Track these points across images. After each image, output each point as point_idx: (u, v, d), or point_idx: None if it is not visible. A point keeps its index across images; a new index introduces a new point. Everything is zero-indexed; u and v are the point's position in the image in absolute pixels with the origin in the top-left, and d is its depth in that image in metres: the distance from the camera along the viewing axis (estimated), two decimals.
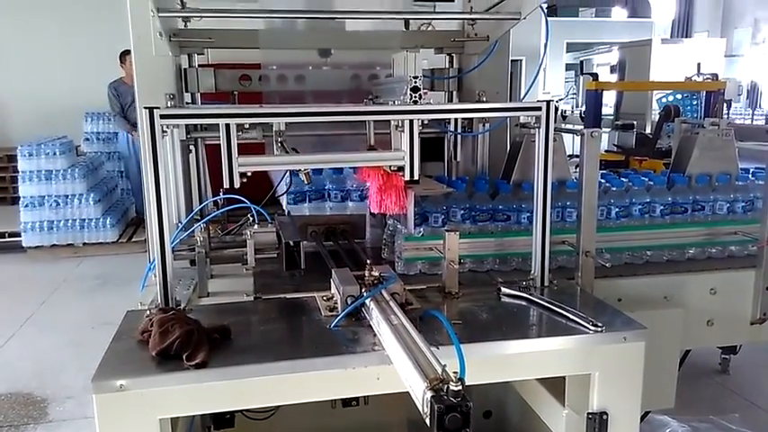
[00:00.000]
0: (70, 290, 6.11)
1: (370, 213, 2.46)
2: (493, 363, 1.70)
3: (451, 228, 2.10)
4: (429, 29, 2.82)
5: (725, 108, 6.64)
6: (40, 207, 7.16)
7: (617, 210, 2.33)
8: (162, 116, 1.71)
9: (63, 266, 6.84)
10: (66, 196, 7.22)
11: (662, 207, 2.37)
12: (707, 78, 6.70)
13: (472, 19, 2.64)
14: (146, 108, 1.70)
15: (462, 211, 2.25)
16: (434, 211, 2.22)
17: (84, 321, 5.05)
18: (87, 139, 8.61)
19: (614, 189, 2.36)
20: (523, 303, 1.95)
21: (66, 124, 8.32)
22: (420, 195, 2.18)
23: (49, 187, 7.17)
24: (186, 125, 2.41)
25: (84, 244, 7.30)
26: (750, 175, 2.54)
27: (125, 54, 7.34)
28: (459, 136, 2.72)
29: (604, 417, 1.75)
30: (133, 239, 7.45)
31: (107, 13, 5.39)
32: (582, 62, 10.76)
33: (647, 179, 2.47)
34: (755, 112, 11.22)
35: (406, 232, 2.21)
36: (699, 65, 7.21)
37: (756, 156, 2.93)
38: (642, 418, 1.92)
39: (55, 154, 7.18)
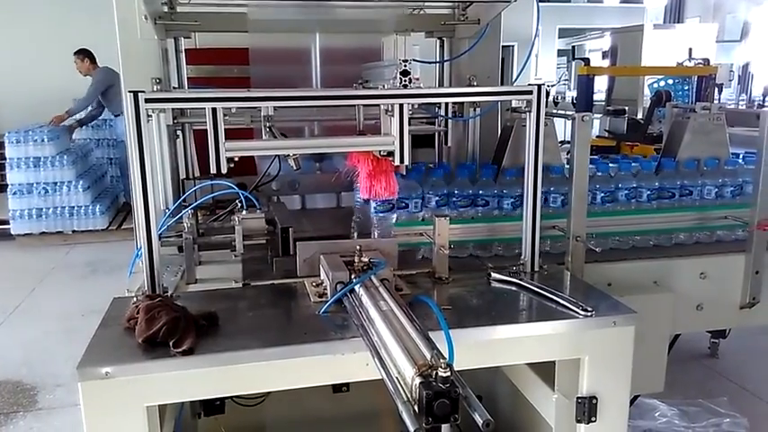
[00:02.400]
0: (60, 278, 6.08)
1: None
2: (483, 348, 1.70)
3: (440, 213, 2.09)
4: (420, 12, 2.79)
5: (716, 93, 6.63)
6: (29, 194, 7.10)
7: (602, 195, 2.32)
8: (147, 100, 1.68)
9: (52, 254, 6.80)
10: (55, 183, 7.16)
11: (650, 192, 2.36)
12: (698, 63, 6.69)
13: (463, 1, 2.61)
14: (130, 92, 1.67)
15: (438, 198, 2.23)
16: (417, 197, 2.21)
17: (73, 309, 5.03)
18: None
19: (600, 174, 2.35)
20: (513, 288, 1.95)
21: (54, 111, 8.21)
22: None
23: (37, 174, 7.11)
24: (173, 110, 2.38)
25: (74, 231, 7.25)
26: (740, 160, 2.54)
27: (78, 53, 7.34)
28: (449, 121, 2.71)
29: (594, 401, 1.75)
30: (123, 227, 7.41)
31: None
32: (574, 47, 10.73)
33: (636, 164, 2.45)
34: (743, 97, 11.23)
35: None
36: (690, 50, 7.19)
37: (746, 141, 2.93)
38: (631, 402, 1.93)
39: (43, 141, 7.10)
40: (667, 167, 2.41)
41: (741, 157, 2.57)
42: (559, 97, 9.18)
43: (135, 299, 1.72)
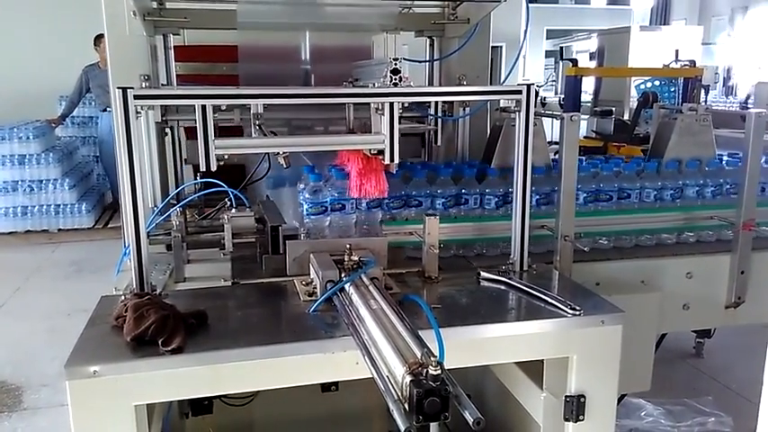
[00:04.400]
0: (45, 276, 6.02)
1: None
2: (472, 347, 1.70)
3: (431, 212, 2.09)
4: (409, 12, 2.79)
5: (702, 94, 6.69)
6: (14, 192, 7.03)
7: (585, 195, 2.32)
8: (136, 96, 1.67)
9: (37, 253, 6.73)
10: (41, 181, 7.10)
11: (639, 192, 2.38)
12: (684, 65, 6.74)
13: (453, 0, 2.61)
14: (119, 88, 1.66)
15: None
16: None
17: (59, 308, 4.98)
18: (62, 123, 8.43)
19: (582, 174, 2.36)
20: (502, 288, 1.96)
21: (39, 108, 8.13)
22: None
23: (22, 172, 7.05)
24: (162, 107, 2.37)
25: (60, 230, 7.19)
26: (723, 163, 2.55)
27: (99, 37, 7.22)
28: (439, 121, 2.71)
29: (582, 399, 1.76)
30: (109, 225, 7.36)
31: None
32: (561, 48, 10.77)
33: (626, 164, 2.47)
34: (730, 99, 11.35)
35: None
36: (677, 52, 7.24)
37: (729, 142, 2.96)
38: (618, 401, 1.94)
39: (29, 138, 7.04)
40: (654, 168, 2.42)
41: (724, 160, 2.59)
42: (546, 98, 9.22)
43: (123, 297, 1.70)
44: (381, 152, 1.93)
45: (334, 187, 2.10)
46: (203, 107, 1.72)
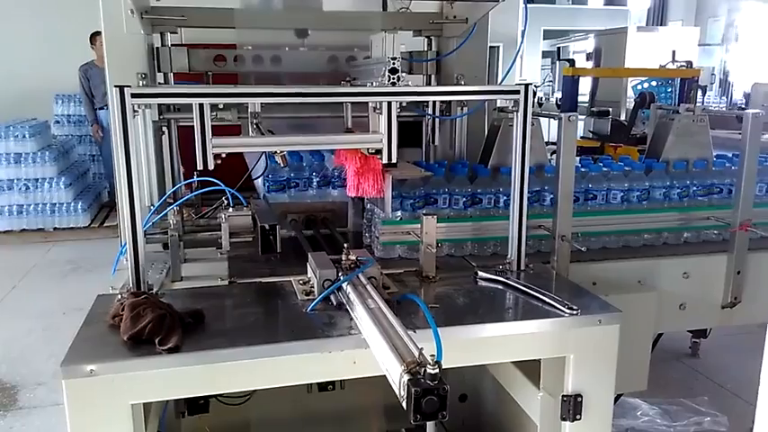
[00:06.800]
0: (41, 275, 6.00)
1: (352, 200, 2.45)
2: (469, 346, 1.70)
3: (429, 212, 2.09)
4: (407, 11, 2.79)
5: (699, 95, 6.71)
6: (9, 191, 7.00)
7: (582, 194, 2.33)
8: (133, 95, 1.66)
9: (33, 252, 6.70)
10: (37, 180, 7.07)
11: (637, 193, 2.38)
12: (681, 66, 6.76)
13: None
14: (116, 87, 1.65)
15: (445, 196, 2.24)
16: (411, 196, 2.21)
17: (55, 307, 4.97)
18: (58, 122, 8.42)
19: (586, 173, 2.36)
20: (500, 287, 1.96)
21: (35, 106, 8.11)
22: (398, 179, 2.16)
23: (18, 170, 7.02)
24: (159, 106, 2.36)
25: (55, 229, 7.17)
26: (708, 163, 2.55)
27: (95, 35, 7.20)
28: (437, 120, 2.71)
29: (579, 399, 1.76)
30: (105, 224, 7.34)
31: None
32: (559, 49, 10.79)
33: (623, 164, 2.48)
34: (725, 100, 11.39)
35: (384, 216, 2.19)
36: (674, 53, 7.27)
37: (726, 143, 2.96)
38: (615, 401, 1.94)
39: (24, 136, 7.01)
40: (638, 169, 2.43)
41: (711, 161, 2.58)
42: (544, 98, 9.23)
43: (120, 296, 1.70)
44: (379, 151, 1.93)
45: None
46: (201, 106, 1.71)
